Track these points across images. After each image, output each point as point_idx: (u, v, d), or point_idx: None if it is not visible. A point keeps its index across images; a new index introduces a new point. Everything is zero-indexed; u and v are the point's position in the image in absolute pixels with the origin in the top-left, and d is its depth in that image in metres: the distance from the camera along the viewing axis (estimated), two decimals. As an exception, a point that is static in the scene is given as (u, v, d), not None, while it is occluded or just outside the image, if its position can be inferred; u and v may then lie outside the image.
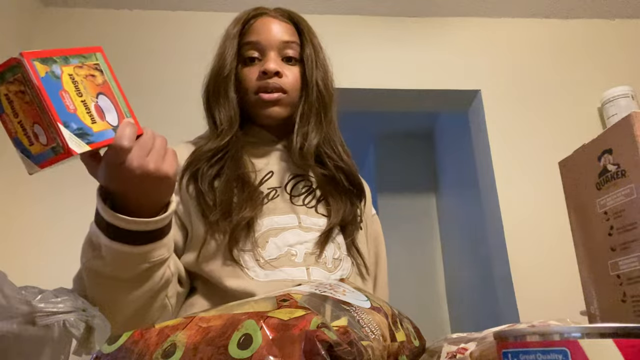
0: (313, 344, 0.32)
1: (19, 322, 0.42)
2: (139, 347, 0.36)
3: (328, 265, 0.78)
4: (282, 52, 0.86)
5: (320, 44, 0.92)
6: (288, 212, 0.81)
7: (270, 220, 0.79)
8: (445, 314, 3.03)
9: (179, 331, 0.36)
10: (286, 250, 0.76)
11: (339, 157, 0.86)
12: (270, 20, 0.88)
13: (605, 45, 2.21)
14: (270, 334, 0.33)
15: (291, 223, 0.79)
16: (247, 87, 0.85)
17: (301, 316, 0.35)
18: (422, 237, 3.22)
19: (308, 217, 0.81)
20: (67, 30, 2.00)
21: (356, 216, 0.86)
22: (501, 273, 1.94)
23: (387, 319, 0.45)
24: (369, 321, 0.41)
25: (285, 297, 0.40)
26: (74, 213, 1.74)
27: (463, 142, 2.60)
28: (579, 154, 0.55)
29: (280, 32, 0.86)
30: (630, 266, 0.47)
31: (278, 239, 0.77)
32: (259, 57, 0.86)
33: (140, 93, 1.92)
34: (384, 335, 0.42)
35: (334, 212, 0.82)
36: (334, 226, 0.81)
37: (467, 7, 2.18)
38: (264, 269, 0.74)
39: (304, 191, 0.84)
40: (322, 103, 0.87)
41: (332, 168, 0.85)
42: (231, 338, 0.33)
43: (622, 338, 0.28)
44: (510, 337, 0.31)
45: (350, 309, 0.42)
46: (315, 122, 0.85)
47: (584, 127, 2.03)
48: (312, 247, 0.78)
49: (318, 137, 0.84)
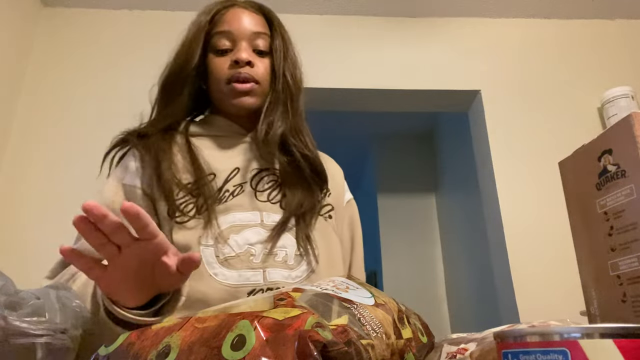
0: (305, 344, 0.32)
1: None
2: (135, 349, 0.36)
3: (289, 262, 0.76)
4: (253, 43, 0.86)
5: (290, 38, 0.92)
6: (251, 208, 0.79)
7: (233, 217, 0.77)
8: (445, 314, 3.03)
9: (175, 332, 0.36)
10: (246, 248, 0.75)
11: (305, 145, 0.85)
12: (241, 10, 0.88)
13: (605, 45, 2.21)
14: (264, 334, 0.33)
15: (253, 220, 0.78)
16: (219, 77, 0.84)
17: (296, 315, 0.35)
18: (422, 237, 3.22)
19: (271, 214, 0.79)
20: (67, 30, 2.00)
21: (314, 206, 0.84)
22: (501, 273, 1.94)
23: (393, 315, 0.44)
24: (371, 319, 0.41)
25: (282, 296, 0.40)
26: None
27: (463, 142, 2.60)
28: (579, 154, 0.55)
29: (252, 23, 0.86)
30: (630, 266, 0.47)
31: (239, 237, 0.75)
32: (230, 48, 0.85)
33: (141, 93, 1.91)
34: (387, 333, 0.41)
35: (288, 203, 0.81)
36: (288, 219, 0.79)
37: (467, 7, 2.18)
38: (222, 266, 0.73)
39: (268, 186, 0.83)
40: (289, 94, 0.86)
41: (297, 156, 0.84)
42: (225, 339, 0.33)
43: (622, 338, 0.28)
44: (510, 337, 0.31)
45: (352, 306, 0.41)
46: (282, 111, 0.85)
47: (584, 127, 2.03)
48: (267, 245, 0.76)
49: (284, 126, 0.84)
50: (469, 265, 2.68)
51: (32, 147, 1.82)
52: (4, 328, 0.41)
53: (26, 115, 1.86)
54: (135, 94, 1.95)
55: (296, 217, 0.80)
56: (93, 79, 1.93)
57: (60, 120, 1.86)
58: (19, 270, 1.48)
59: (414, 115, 3.14)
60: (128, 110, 1.91)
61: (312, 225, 0.82)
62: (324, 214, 0.86)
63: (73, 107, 1.88)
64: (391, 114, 2.79)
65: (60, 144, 1.83)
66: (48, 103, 1.89)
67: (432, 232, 3.25)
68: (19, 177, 1.78)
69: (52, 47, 1.95)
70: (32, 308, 0.45)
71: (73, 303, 0.51)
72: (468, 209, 2.63)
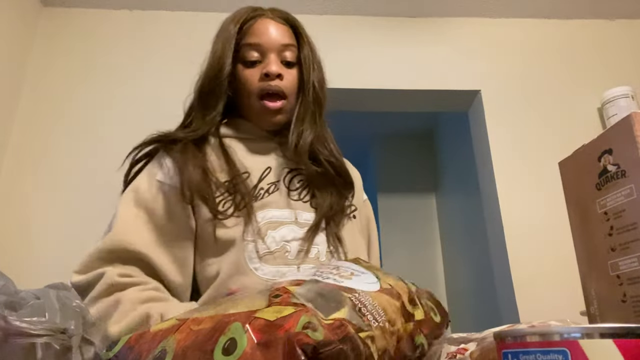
0: (293, 348, 0.32)
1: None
2: (134, 353, 0.36)
3: (321, 259, 0.80)
4: (281, 55, 0.88)
5: (314, 45, 0.95)
6: (286, 207, 0.83)
7: (270, 214, 0.81)
8: (445, 314, 3.03)
9: (171, 335, 0.36)
10: (282, 245, 0.79)
11: (331, 153, 0.90)
12: (269, 22, 0.89)
13: (605, 45, 2.21)
14: (255, 337, 0.33)
15: (288, 218, 0.82)
16: (250, 90, 0.87)
17: (289, 315, 0.34)
18: (422, 237, 3.22)
19: (303, 213, 0.84)
20: (66, 30, 2.00)
21: (343, 208, 0.88)
22: (501, 273, 1.94)
23: (402, 298, 0.44)
24: (374, 307, 0.40)
25: (278, 292, 0.39)
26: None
27: (463, 142, 2.60)
28: (579, 154, 0.55)
29: (280, 34, 0.89)
30: (630, 266, 0.47)
31: (276, 233, 0.79)
32: (259, 59, 0.87)
33: (140, 93, 1.92)
34: (392, 320, 0.41)
35: (320, 205, 0.85)
36: (321, 220, 0.83)
37: (467, 7, 2.18)
38: (262, 261, 0.77)
39: (299, 185, 0.87)
40: (318, 103, 0.90)
41: (324, 164, 0.88)
42: (217, 342, 0.33)
43: (622, 338, 0.28)
44: (510, 337, 0.31)
45: (352, 296, 0.41)
46: (310, 121, 0.88)
47: (584, 127, 2.03)
48: (303, 243, 0.81)
49: (312, 135, 0.87)
50: (469, 265, 2.67)
51: (32, 147, 1.82)
52: (4, 328, 0.41)
53: (26, 115, 1.86)
54: (135, 94, 1.95)
55: (327, 219, 0.84)
56: (93, 79, 1.93)
57: (60, 120, 1.86)
58: (19, 270, 1.48)
59: (414, 115, 3.14)
60: (128, 110, 1.92)
61: (341, 226, 0.86)
62: (349, 213, 0.91)
63: (73, 107, 1.88)
64: (391, 114, 2.79)
65: (61, 143, 1.83)
66: (48, 103, 1.89)
67: (432, 232, 3.24)
68: (20, 177, 1.78)
69: (52, 47, 1.95)
70: (32, 308, 0.45)
71: (73, 303, 0.50)
72: (468, 209, 2.63)
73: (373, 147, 3.44)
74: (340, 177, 0.90)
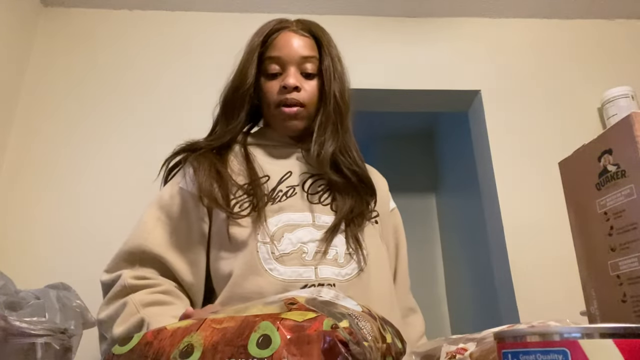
0: (334, 343, 0.34)
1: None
2: (154, 349, 0.36)
3: (339, 260, 0.82)
4: (302, 67, 0.92)
5: (339, 55, 0.98)
6: (304, 209, 0.85)
7: (287, 217, 0.83)
8: (445, 314, 3.03)
9: (193, 332, 0.37)
10: (299, 247, 0.80)
11: (354, 161, 0.92)
12: (292, 35, 0.93)
13: (605, 45, 2.21)
14: (287, 334, 0.35)
15: (306, 221, 0.84)
16: (270, 100, 0.92)
17: (313, 318, 0.37)
18: (422, 237, 3.22)
19: (322, 215, 0.85)
20: (66, 30, 2.00)
21: (364, 212, 0.90)
22: (501, 273, 1.93)
23: (377, 321, 0.47)
24: (365, 324, 0.43)
25: (292, 301, 0.42)
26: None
27: (463, 142, 2.60)
28: (579, 154, 0.55)
29: (301, 47, 0.92)
30: (630, 266, 0.47)
31: (292, 235, 0.81)
32: (279, 72, 0.91)
33: (140, 94, 1.91)
34: (376, 337, 0.43)
35: (340, 208, 0.87)
36: (340, 221, 0.85)
37: (467, 7, 2.18)
38: (277, 262, 0.78)
39: (320, 189, 0.89)
40: (339, 113, 0.92)
41: (347, 172, 0.90)
42: (249, 338, 0.35)
43: (622, 338, 0.28)
44: (510, 338, 0.31)
45: (349, 311, 0.43)
46: (332, 131, 0.90)
47: (584, 127, 2.03)
48: (321, 244, 0.82)
49: (334, 145, 0.89)
50: (469, 265, 2.67)
51: (31, 147, 1.82)
52: (4, 328, 0.41)
53: (26, 115, 1.86)
54: (136, 94, 1.95)
55: (346, 221, 0.86)
56: (93, 79, 1.93)
57: (60, 121, 1.86)
58: (19, 270, 1.48)
59: (414, 115, 3.14)
60: (128, 109, 1.92)
61: (361, 228, 0.88)
62: (370, 219, 0.92)
63: (72, 107, 1.88)
64: (391, 114, 2.79)
65: (60, 144, 1.83)
66: (48, 103, 1.89)
67: (432, 232, 3.24)
68: (19, 177, 1.78)
69: (52, 47, 1.95)
70: (32, 308, 0.45)
71: (73, 303, 0.51)
72: (468, 209, 2.63)
73: (373, 147, 3.44)
74: (363, 184, 0.92)
